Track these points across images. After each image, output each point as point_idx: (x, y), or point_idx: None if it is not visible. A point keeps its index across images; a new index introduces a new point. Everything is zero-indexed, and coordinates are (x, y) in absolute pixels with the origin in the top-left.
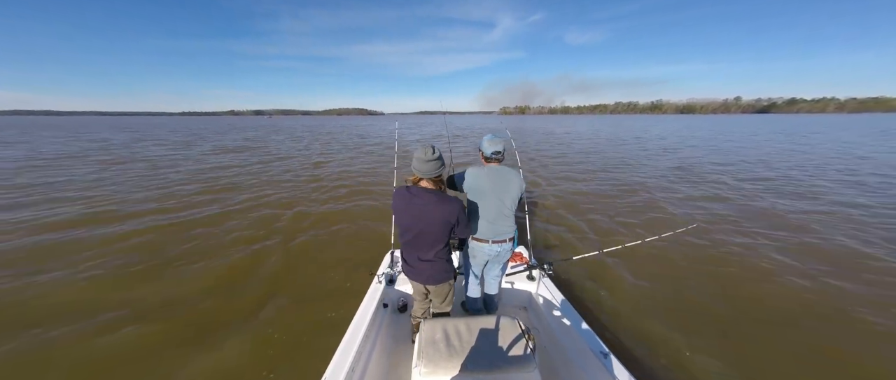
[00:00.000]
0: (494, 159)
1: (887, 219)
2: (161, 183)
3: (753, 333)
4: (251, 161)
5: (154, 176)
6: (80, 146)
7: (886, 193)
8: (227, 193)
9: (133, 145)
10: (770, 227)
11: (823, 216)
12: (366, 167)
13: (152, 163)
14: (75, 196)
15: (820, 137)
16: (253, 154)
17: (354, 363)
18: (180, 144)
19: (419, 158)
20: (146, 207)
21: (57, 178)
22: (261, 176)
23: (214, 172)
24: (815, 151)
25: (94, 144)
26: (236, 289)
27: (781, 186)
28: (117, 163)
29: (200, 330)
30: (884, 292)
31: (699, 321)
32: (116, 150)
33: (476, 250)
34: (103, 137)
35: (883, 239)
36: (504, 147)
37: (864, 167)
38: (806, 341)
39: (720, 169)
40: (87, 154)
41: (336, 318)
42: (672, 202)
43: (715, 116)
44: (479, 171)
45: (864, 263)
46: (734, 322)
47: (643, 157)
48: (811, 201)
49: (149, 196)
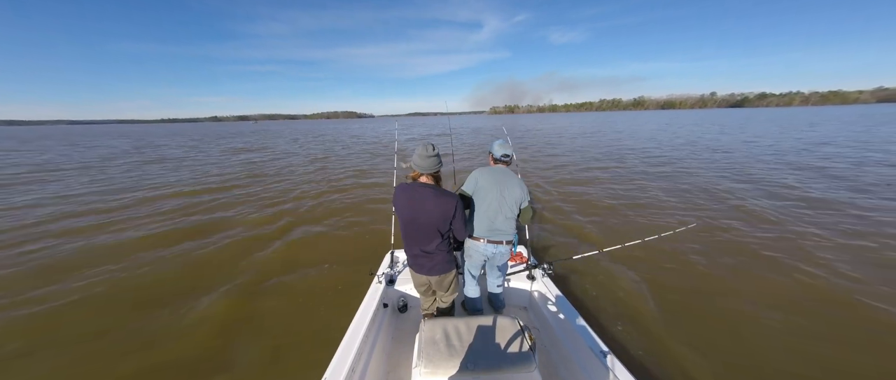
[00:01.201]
0: (503, 161)
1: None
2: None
3: (754, 332)
4: (254, 160)
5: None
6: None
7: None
8: (223, 192)
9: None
10: (770, 227)
11: (824, 216)
12: (366, 168)
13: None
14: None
15: (823, 131)
16: (259, 155)
17: (354, 363)
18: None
19: (420, 155)
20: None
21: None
22: (258, 175)
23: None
24: (831, 141)
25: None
26: (235, 290)
27: (782, 186)
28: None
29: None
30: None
31: (699, 320)
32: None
33: (471, 249)
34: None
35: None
36: (513, 152)
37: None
38: (807, 339)
39: (720, 169)
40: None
41: (336, 318)
42: (672, 202)
43: (694, 110)
44: (484, 169)
45: (866, 256)
46: (735, 321)
47: (642, 156)
48: (813, 200)
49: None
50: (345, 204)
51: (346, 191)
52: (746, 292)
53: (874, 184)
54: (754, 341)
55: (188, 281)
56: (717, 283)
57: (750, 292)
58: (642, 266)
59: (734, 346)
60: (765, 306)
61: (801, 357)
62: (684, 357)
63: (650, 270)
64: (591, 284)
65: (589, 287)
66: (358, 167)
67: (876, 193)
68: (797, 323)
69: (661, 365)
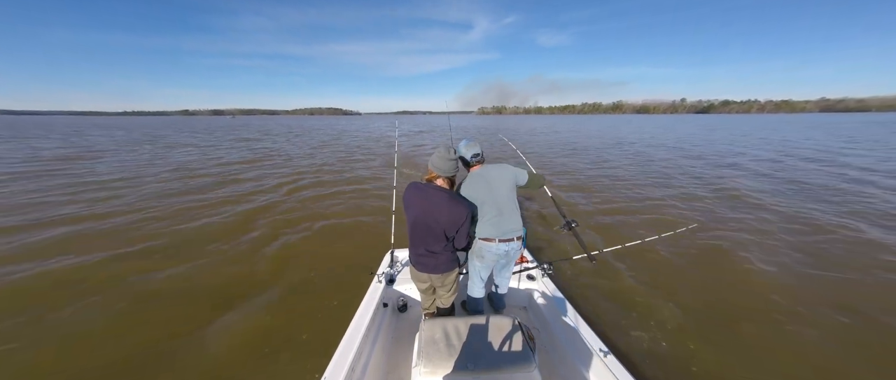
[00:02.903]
0: (476, 162)
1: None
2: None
3: (754, 331)
4: (247, 157)
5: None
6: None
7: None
8: (215, 190)
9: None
10: (770, 225)
11: (825, 215)
12: (365, 168)
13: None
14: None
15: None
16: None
17: (354, 363)
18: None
19: (441, 156)
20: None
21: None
22: (257, 174)
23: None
24: (811, 147)
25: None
26: (233, 289)
27: (782, 185)
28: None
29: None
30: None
31: (699, 320)
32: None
33: (484, 251)
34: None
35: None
36: (480, 148)
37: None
38: (808, 337)
39: (719, 168)
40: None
41: (335, 318)
42: (672, 202)
43: (665, 115)
44: (467, 182)
45: (875, 259)
46: (735, 321)
47: (640, 156)
48: (814, 200)
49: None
50: (344, 204)
51: (345, 191)
52: (746, 292)
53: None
54: (755, 341)
55: (189, 281)
56: (717, 283)
57: (750, 292)
58: (643, 266)
59: (734, 346)
60: (765, 306)
61: (801, 358)
62: (685, 357)
63: (650, 270)
64: (591, 284)
65: (589, 287)
66: (356, 169)
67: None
68: (803, 322)
69: (661, 365)
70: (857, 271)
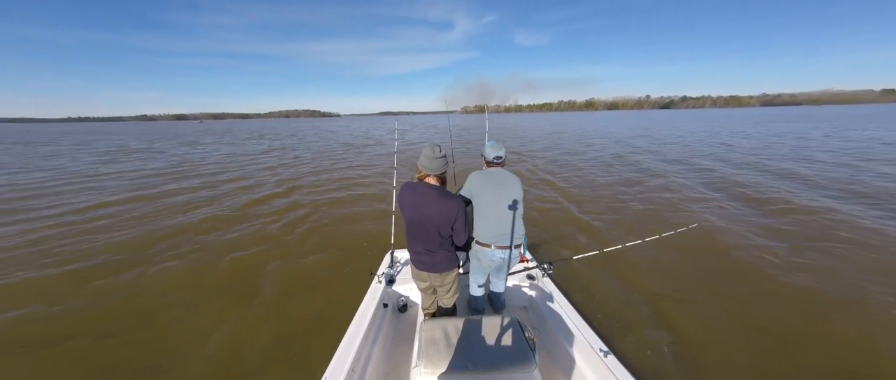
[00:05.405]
0: (496, 163)
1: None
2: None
3: (754, 330)
4: (239, 153)
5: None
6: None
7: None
8: (214, 187)
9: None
10: (770, 225)
11: (827, 214)
12: (364, 168)
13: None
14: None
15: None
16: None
17: (354, 363)
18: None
19: (427, 156)
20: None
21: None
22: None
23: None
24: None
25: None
26: (234, 289)
27: (782, 184)
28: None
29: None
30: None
31: (700, 320)
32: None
33: (480, 255)
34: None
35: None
36: (505, 153)
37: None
38: (809, 336)
39: (718, 168)
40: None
41: (335, 318)
42: (672, 202)
43: (635, 111)
44: (479, 173)
45: (858, 253)
46: (735, 320)
47: (639, 155)
48: (817, 197)
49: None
50: (344, 203)
51: (345, 190)
52: (746, 292)
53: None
54: (755, 338)
55: (187, 280)
56: (717, 284)
57: (750, 293)
58: (643, 266)
59: (734, 346)
60: (764, 305)
61: (801, 358)
62: (685, 356)
63: (651, 270)
64: (591, 284)
65: (589, 287)
66: (354, 168)
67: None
68: (804, 321)
69: (661, 365)
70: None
